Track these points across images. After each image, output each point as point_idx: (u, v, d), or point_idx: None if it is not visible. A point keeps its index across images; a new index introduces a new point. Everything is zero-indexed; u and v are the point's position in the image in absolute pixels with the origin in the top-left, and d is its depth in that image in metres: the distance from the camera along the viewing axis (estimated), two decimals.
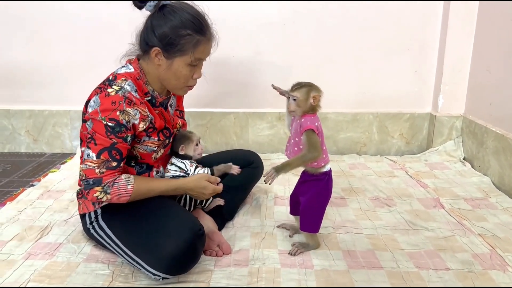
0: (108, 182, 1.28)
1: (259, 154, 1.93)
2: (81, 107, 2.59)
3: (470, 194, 1.97)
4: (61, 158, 2.58)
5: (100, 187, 1.28)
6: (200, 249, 1.32)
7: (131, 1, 1.32)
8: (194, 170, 1.55)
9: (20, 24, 2.51)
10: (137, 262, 1.30)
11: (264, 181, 1.33)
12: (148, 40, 1.33)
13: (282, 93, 1.45)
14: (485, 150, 2.21)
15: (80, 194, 1.46)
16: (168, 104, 1.53)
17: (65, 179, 2.17)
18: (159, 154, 1.47)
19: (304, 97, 1.35)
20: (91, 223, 1.44)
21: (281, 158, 2.49)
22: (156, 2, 1.31)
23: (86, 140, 1.31)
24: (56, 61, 2.57)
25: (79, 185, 1.48)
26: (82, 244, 1.54)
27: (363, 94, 2.57)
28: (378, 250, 1.49)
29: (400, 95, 2.57)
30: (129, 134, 1.31)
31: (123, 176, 1.32)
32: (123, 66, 1.40)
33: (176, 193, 1.47)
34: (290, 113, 1.40)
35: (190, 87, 1.45)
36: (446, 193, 1.98)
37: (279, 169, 1.34)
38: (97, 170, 1.28)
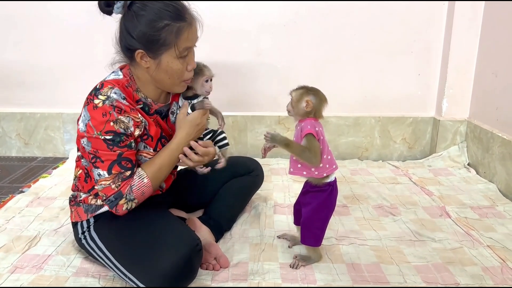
0: (127, 191, 1.23)
1: (257, 159, 1.86)
2: (74, 110, 2.56)
3: (476, 202, 1.91)
4: (53, 162, 2.50)
5: (123, 199, 1.23)
6: (197, 265, 1.23)
7: (99, 9, 1.23)
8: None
9: (11, 25, 2.44)
10: (129, 278, 1.22)
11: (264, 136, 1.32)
12: (128, 44, 1.24)
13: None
14: (491, 156, 2.14)
15: (72, 201, 1.39)
16: (169, 112, 1.43)
17: (56, 185, 2.09)
18: None
19: (297, 98, 1.31)
20: (83, 233, 1.36)
21: (280, 163, 2.42)
22: (122, 1, 1.20)
23: (89, 160, 1.24)
24: (48, 63, 2.49)
25: (73, 189, 1.41)
26: (72, 256, 1.46)
27: (365, 97, 2.50)
28: (383, 263, 1.42)
29: (403, 98, 2.50)
30: (131, 140, 1.25)
31: (134, 175, 1.26)
32: (113, 72, 1.31)
33: (182, 149, 1.34)
34: (288, 113, 1.36)
35: (187, 81, 1.35)
36: (452, 201, 1.91)
37: (276, 140, 1.29)
38: (113, 186, 1.22)
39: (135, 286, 1.21)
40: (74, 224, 1.40)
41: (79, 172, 1.37)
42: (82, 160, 1.35)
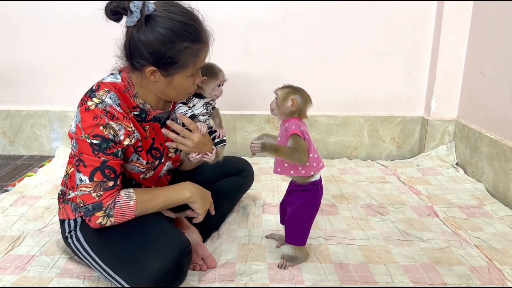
0: (108, 204, 1.17)
1: (246, 159, 1.84)
2: (60, 108, 2.52)
3: (464, 201, 1.91)
4: (38, 161, 2.46)
5: (101, 212, 1.17)
6: (186, 267, 1.21)
7: (105, 15, 1.14)
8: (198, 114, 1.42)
9: None
10: (116, 280, 1.19)
11: (250, 148, 1.31)
12: (139, 57, 1.16)
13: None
14: (478, 156, 2.15)
15: (61, 198, 1.35)
16: (170, 118, 1.38)
17: (41, 184, 2.06)
18: (148, 175, 1.36)
19: (283, 97, 1.29)
20: (70, 231, 1.33)
21: (269, 163, 2.40)
22: (138, 16, 1.09)
23: (74, 163, 1.19)
24: (34, 60, 2.45)
25: (62, 184, 1.37)
26: (56, 256, 1.43)
27: (354, 96, 2.50)
28: (371, 263, 1.42)
29: (392, 98, 2.51)
30: (119, 149, 1.19)
31: (123, 192, 1.20)
32: (111, 73, 1.26)
33: (180, 199, 1.28)
34: (271, 112, 1.35)
35: (192, 92, 1.33)
36: (440, 201, 1.92)
37: (266, 148, 1.27)
38: (93, 194, 1.16)
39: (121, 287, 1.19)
40: (62, 222, 1.37)
41: (71, 170, 1.32)
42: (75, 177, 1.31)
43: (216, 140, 1.50)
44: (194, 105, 1.44)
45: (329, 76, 2.46)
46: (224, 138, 1.53)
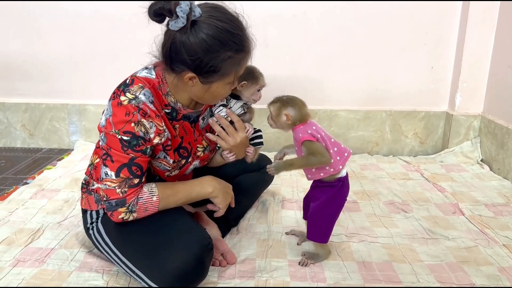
0: (132, 201, 1.16)
1: (266, 154, 1.81)
2: (79, 101, 2.52)
3: (490, 199, 1.85)
4: (58, 154, 2.47)
5: (124, 208, 1.16)
6: (208, 264, 1.18)
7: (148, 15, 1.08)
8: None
9: (17, 15, 2.40)
10: (136, 275, 1.18)
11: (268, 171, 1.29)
12: (179, 63, 1.12)
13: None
14: (505, 152, 2.08)
15: (84, 188, 1.34)
16: (200, 118, 1.36)
17: (60, 177, 2.06)
18: (173, 173, 1.33)
19: (276, 113, 1.28)
20: (91, 223, 1.32)
21: (287, 157, 2.36)
22: (184, 22, 1.04)
23: (101, 156, 1.17)
24: (53, 53, 2.46)
25: (86, 174, 1.36)
26: (75, 250, 1.42)
27: (375, 90, 2.44)
28: (395, 262, 1.37)
29: (415, 92, 2.44)
30: (148, 146, 1.17)
31: (145, 188, 1.18)
32: (146, 68, 1.22)
33: (202, 194, 1.28)
34: (271, 127, 1.34)
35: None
36: (465, 198, 1.86)
37: (280, 168, 1.26)
38: (118, 190, 1.14)
39: (142, 282, 1.17)
40: (84, 211, 1.35)
41: (97, 161, 1.30)
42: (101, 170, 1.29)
43: (253, 142, 1.48)
44: (231, 107, 1.41)
45: (349, 69, 2.40)
46: (262, 140, 1.51)
